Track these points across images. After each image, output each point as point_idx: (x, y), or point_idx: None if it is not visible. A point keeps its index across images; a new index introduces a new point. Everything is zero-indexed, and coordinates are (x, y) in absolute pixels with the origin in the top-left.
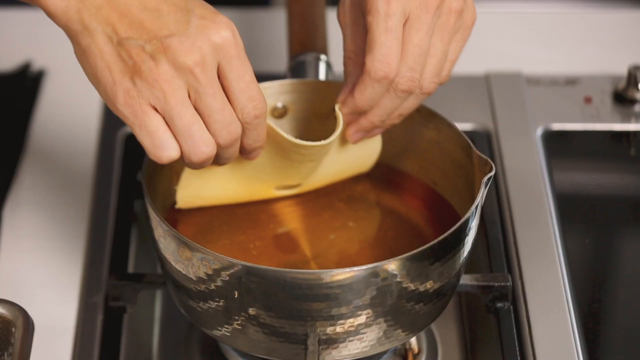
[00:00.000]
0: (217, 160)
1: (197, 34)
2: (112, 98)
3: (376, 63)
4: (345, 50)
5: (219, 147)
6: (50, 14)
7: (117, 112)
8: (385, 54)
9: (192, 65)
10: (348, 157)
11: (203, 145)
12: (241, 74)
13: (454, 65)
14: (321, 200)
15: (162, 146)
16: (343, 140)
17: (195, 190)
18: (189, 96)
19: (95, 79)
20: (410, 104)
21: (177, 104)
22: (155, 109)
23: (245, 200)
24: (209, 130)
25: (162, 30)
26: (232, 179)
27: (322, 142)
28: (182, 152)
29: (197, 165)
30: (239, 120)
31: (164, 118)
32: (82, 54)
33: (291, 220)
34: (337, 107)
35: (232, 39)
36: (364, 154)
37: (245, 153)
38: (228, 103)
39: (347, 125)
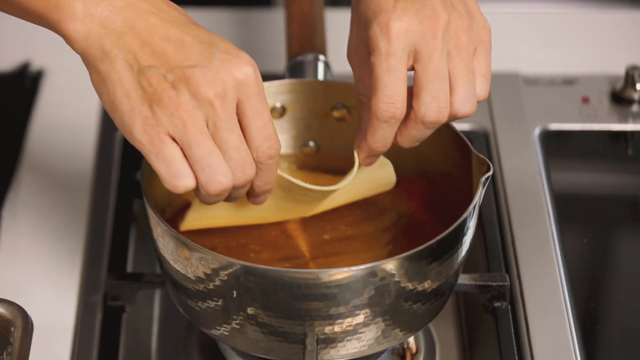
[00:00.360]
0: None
1: (220, 67)
2: (129, 125)
3: (381, 104)
4: (357, 93)
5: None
6: (69, 39)
7: (133, 139)
8: (388, 95)
9: (212, 98)
10: (358, 187)
11: (220, 176)
12: (259, 112)
13: (489, 81)
14: None
15: (178, 175)
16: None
17: (197, 227)
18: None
19: (112, 106)
20: (449, 120)
21: (196, 133)
22: (173, 139)
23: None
24: None
25: (185, 61)
26: (234, 219)
27: (333, 187)
28: (198, 183)
29: (212, 198)
30: (254, 159)
31: (181, 148)
32: (101, 81)
33: (290, 220)
34: (355, 153)
35: (254, 76)
36: (373, 185)
37: (253, 196)
38: (245, 142)
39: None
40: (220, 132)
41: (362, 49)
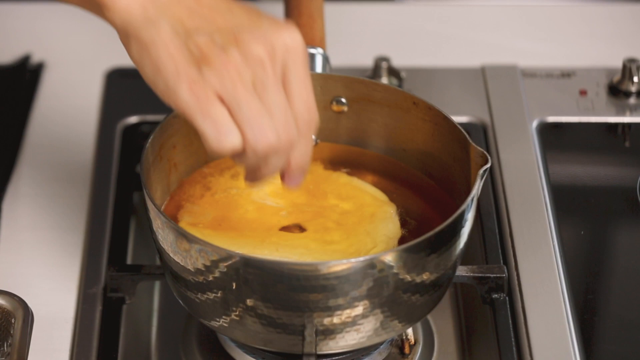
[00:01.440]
0: (261, 168)
1: (269, 30)
2: (174, 87)
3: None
4: None
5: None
6: (109, 9)
7: (178, 101)
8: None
9: (263, 56)
10: None
11: (269, 133)
12: (303, 79)
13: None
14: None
15: (226, 132)
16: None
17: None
18: None
19: (156, 71)
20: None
21: (246, 91)
22: (220, 99)
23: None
24: None
25: (234, 24)
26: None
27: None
28: (245, 142)
29: (258, 158)
30: None
31: (228, 109)
32: (142, 49)
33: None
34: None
35: (302, 43)
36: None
37: (289, 171)
38: (288, 105)
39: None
40: (268, 91)
41: None
